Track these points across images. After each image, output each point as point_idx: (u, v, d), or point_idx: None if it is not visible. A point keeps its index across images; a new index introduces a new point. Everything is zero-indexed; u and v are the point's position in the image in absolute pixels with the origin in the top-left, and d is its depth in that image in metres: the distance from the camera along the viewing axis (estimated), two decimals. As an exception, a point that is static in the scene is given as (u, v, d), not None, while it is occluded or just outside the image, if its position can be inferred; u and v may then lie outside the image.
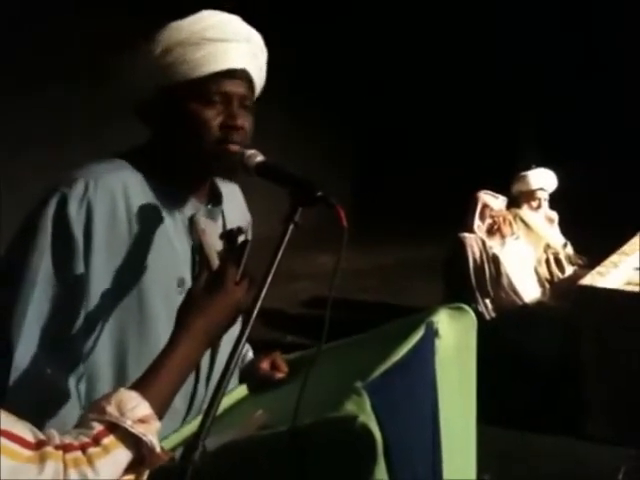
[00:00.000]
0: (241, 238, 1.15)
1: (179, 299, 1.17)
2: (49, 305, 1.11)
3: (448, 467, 1.21)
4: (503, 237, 3.58)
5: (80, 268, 1.11)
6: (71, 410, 1.10)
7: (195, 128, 1.17)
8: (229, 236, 1.12)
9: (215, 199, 1.31)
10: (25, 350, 1.08)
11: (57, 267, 1.11)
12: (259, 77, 1.26)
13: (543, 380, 3.16)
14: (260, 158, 1.15)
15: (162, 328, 1.16)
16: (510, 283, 3.50)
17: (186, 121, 1.17)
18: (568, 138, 6.74)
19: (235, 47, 1.19)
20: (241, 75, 1.20)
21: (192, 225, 1.21)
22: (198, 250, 1.18)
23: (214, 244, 1.19)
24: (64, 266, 1.11)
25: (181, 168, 1.23)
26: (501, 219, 3.57)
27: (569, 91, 6.95)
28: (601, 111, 6.73)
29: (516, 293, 3.51)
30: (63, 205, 1.11)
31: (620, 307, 2.94)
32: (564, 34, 6.97)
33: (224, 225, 1.31)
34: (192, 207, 1.25)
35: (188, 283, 1.21)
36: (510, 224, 3.60)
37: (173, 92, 1.17)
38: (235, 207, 1.38)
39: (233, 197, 1.38)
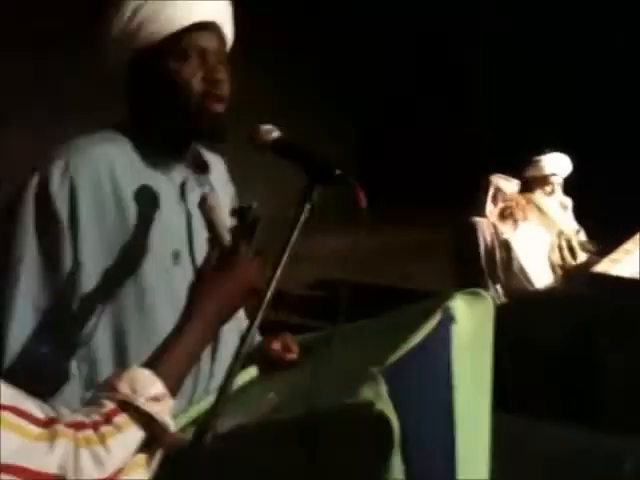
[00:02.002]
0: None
1: (175, 273, 1.16)
2: (38, 287, 1.09)
3: (462, 454, 1.19)
4: (516, 222, 3.54)
5: (67, 247, 1.09)
6: (72, 391, 1.09)
7: (175, 86, 1.15)
8: (240, 213, 1.09)
9: (202, 167, 1.29)
10: (18, 332, 1.07)
11: (43, 248, 1.09)
12: (229, 31, 1.25)
13: (553, 366, 3.14)
14: (276, 134, 1.11)
15: (160, 305, 1.15)
16: (521, 268, 3.46)
17: (165, 81, 1.16)
18: (584, 121, 6.65)
19: (202, 0, 1.18)
20: (213, 27, 1.19)
21: (201, 201, 1.18)
22: (208, 227, 1.15)
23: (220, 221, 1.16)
24: (50, 246, 1.09)
25: (166, 132, 1.20)
26: (514, 203, 3.52)
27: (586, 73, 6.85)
28: (620, 94, 6.62)
29: (527, 279, 3.47)
30: (44, 184, 1.09)
31: (633, 294, 2.92)
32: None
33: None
34: (180, 174, 1.23)
35: (185, 256, 1.19)
36: (523, 208, 3.55)
37: (148, 53, 1.15)
38: (219, 177, 1.35)
39: (217, 167, 1.35)
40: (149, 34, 1.14)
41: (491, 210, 3.51)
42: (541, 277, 3.56)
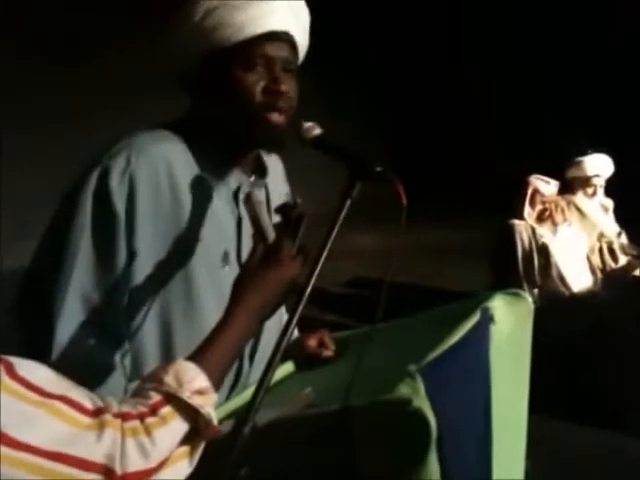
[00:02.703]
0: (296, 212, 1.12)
1: (223, 273, 1.17)
2: (90, 281, 1.10)
3: (498, 454, 1.18)
4: (555, 224, 3.48)
5: (122, 244, 1.10)
6: (115, 383, 1.10)
7: (238, 94, 1.14)
8: (285, 210, 1.10)
9: (260, 171, 1.29)
10: (67, 325, 1.08)
11: (98, 242, 1.10)
12: (303, 39, 1.22)
13: (589, 371, 3.08)
14: (318, 131, 1.11)
15: (207, 304, 1.16)
16: (559, 274, 3.41)
17: (228, 87, 1.15)
18: (627, 122, 6.50)
19: (277, 8, 1.15)
20: (284, 37, 1.17)
21: (246, 198, 1.19)
22: (253, 223, 1.16)
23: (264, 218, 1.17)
24: (105, 241, 1.10)
25: (225, 137, 1.20)
26: (553, 205, 3.47)
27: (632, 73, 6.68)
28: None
29: (565, 284, 3.42)
30: (104, 179, 1.10)
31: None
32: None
33: (267, 198, 1.29)
34: (236, 179, 1.23)
35: (233, 257, 1.20)
36: (562, 211, 3.50)
37: (216, 57, 1.14)
38: (276, 179, 1.36)
39: (275, 169, 1.36)
40: (219, 38, 1.13)
41: (529, 212, 3.46)
42: (580, 280, 3.50)
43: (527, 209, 3.46)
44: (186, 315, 1.16)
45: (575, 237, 3.59)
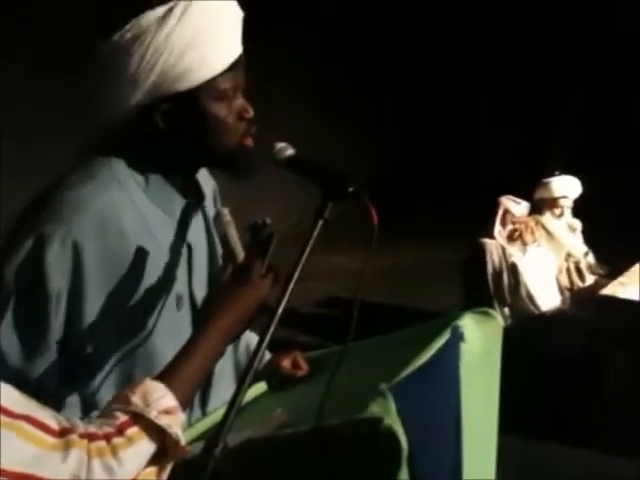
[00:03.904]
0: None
1: (179, 317, 1.15)
2: (17, 352, 1.01)
3: (468, 472, 1.19)
4: (524, 244, 3.54)
5: (54, 325, 1.02)
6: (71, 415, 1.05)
7: (213, 127, 1.11)
8: (254, 229, 1.10)
9: (198, 193, 1.23)
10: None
11: (22, 324, 1.00)
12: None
13: (561, 389, 3.12)
14: (290, 152, 1.12)
15: (166, 350, 1.08)
16: (528, 293, 3.45)
17: (206, 122, 1.10)
18: (594, 145, 6.65)
19: (235, 29, 1.12)
20: (241, 60, 1.14)
21: (216, 217, 1.19)
22: (222, 242, 1.16)
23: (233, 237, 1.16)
24: (32, 323, 1.01)
25: (190, 168, 1.17)
26: (523, 226, 3.52)
27: (595, 96, 6.85)
28: (627, 117, 6.63)
29: (534, 303, 3.46)
30: (39, 252, 0.99)
31: (641, 318, 2.91)
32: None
33: (205, 218, 1.25)
34: (180, 206, 1.18)
35: (186, 298, 1.17)
36: (532, 231, 3.55)
37: (179, 97, 1.08)
38: (210, 194, 1.30)
39: (207, 185, 1.30)
40: (190, 80, 1.07)
41: (500, 231, 3.51)
42: (549, 300, 3.55)
43: (498, 228, 3.51)
44: (145, 365, 1.11)
45: (544, 256, 3.65)
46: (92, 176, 1.08)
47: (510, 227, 3.54)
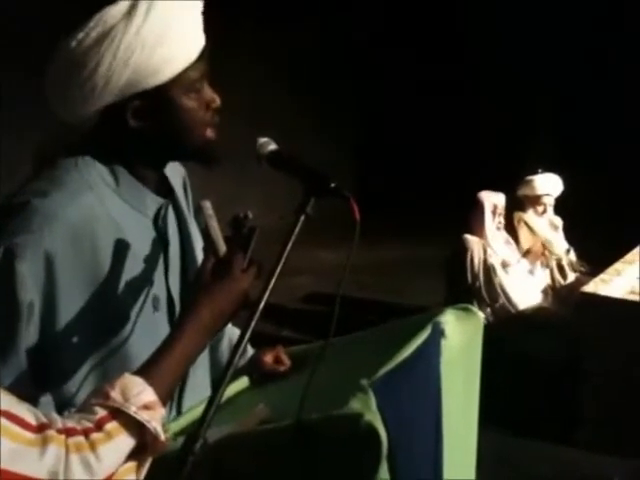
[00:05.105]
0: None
1: (156, 318, 1.14)
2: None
3: (449, 469, 1.19)
4: (507, 239, 3.58)
5: (24, 334, 0.99)
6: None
7: (189, 120, 1.10)
8: (236, 223, 1.10)
9: (167, 190, 1.21)
10: None
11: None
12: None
13: (541, 386, 3.15)
14: (273, 147, 1.12)
15: (143, 352, 1.04)
16: (505, 293, 3.47)
17: (179, 115, 1.09)
18: (576, 143, 6.70)
19: (199, 18, 1.11)
20: (206, 48, 1.12)
21: (197, 209, 1.18)
22: (204, 236, 1.15)
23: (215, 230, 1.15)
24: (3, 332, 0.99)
25: (160, 163, 1.16)
26: (537, 248, 3.60)
27: (580, 94, 6.89)
28: (611, 115, 6.68)
29: (510, 302, 3.49)
30: (11, 261, 0.97)
31: (621, 315, 2.93)
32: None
33: (176, 209, 1.23)
34: (153, 203, 1.17)
35: (163, 298, 1.16)
36: (544, 255, 3.63)
37: (158, 90, 1.06)
38: (179, 185, 1.28)
39: (175, 176, 1.27)
40: (164, 74, 1.05)
41: (489, 226, 3.54)
42: (530, 298, 3.58)
43: (488, 223, 3.53)
44: (123, 368, 1.04)
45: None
46: (62, 182, 1.06)
47: (498, 219, 3.58)
